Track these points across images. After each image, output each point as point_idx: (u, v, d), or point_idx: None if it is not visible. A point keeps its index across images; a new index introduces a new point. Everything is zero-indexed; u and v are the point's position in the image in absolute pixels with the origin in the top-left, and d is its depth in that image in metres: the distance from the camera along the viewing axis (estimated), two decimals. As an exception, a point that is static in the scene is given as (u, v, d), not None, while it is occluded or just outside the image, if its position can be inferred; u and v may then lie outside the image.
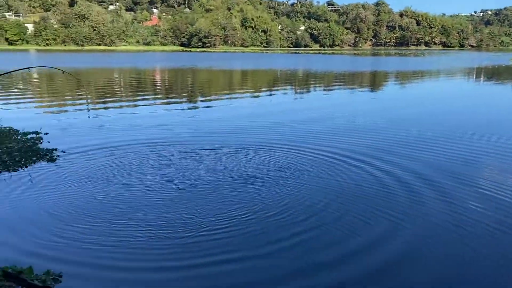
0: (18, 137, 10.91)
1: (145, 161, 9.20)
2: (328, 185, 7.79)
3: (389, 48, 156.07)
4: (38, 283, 3.99)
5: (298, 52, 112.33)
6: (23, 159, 8.95)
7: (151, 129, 12.80)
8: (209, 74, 39.98)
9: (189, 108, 18.38)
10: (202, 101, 21.09)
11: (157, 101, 20.62)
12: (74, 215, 6.31)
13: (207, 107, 19.15)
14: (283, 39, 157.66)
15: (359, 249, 5.49)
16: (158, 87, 27.70)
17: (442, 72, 42.51)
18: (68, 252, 5.19)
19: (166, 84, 30.57)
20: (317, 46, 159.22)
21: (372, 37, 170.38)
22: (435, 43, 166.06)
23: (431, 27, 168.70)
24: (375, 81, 33.90)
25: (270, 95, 23.44)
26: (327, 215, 6.49)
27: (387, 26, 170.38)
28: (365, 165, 8.87)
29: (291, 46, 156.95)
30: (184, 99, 21.32)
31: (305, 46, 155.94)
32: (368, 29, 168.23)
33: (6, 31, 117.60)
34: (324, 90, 26.41)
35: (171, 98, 21.86)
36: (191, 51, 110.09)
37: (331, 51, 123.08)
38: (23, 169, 8.44)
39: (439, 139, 11.45)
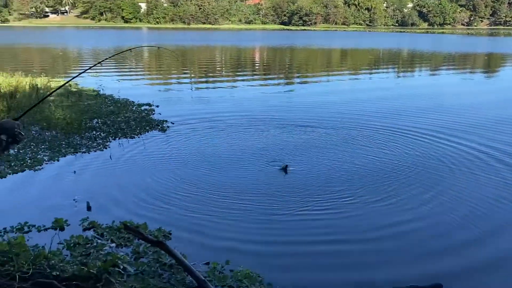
0: (133, 108, 12.06)
1: (245, 135, 9.69)
2: (438, 171, 7.42)
3: (509, 27, 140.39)
4: (152, 238, 4.51)
5: (404, 31, 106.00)
6: (138, 128, 9.92)
7: (250, 104, 13.30)
8: (308, 52, 39.72)
9: (286, 87, 18.62)
10: (299, 80, 21.18)
11: (255, 77, 21.20)
12: (177, 183, 6.83)
13: (304, 85, 19.21)
14: (388, 17, 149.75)
15: (472, 241, 5.18)
16: (256, 65, 28.32)
17: None
18: (172, 217, 5.63)
19: (265, 62, 31.11)
20: (425, 25, 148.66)
21: (490, 15, 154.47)
22: None
23: None
24: (491, 64, 30.99)
25: (370, 76, 22.72)
26: (437, 205, 6.09)
27: (509, 3, 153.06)
28: (487, 156, 8.23)
29: (396, 24, 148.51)
30: (281, 78, 21.60)
31: (412, 24, 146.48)
32: (486, 7, 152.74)
33: (122, 9, 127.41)
34: (431, 72, 24.86)
35: (269, 76, 22.27)
36: (291, 29, 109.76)
37: (441, 30, 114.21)
38: (138, 137, 9.37)
39: None
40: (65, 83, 4.97)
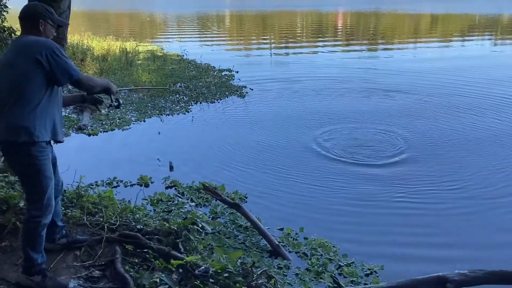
0: (214, 73, 12.29)
1: (327, 100, 9.60)
2: None
3: None
4: (229, 199, 4.62)
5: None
6: (218, 93, 10.11)
7: (332, 70, 12.94)
8: (393, 18, 37.45)
9: (368, 54, 17.81)
10: (383, 47, 20.10)
11: (338, 43, 20.51)
12: (256, 147, 6.90)
13: (388, 53, 18.20)
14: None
15: None
16: (338, 31, 27.33)
17: None
18: (248, 181, 5.68)
19: (347, 28, 29.90)
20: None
21: None
22: None
23: None
24: None
25: (463, 44, 20.93)
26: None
27: None
28: None
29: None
30: (364, 44, 20.66)
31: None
32: None
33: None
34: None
35: (351, 42, 21.40)
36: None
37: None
38: (218, 102, 9.56)
39: None
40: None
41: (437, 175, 5.83)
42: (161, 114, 8.53)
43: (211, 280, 2.92)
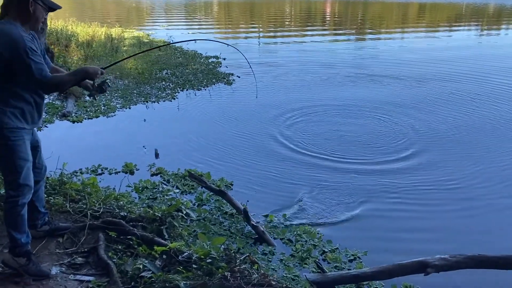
0: (201, 60, 12.18)
1: (315, 89, 9.58)
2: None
3: None
4: (214, 187, 4.61)
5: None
6: (205, 80, 10.03)
7: (319, 58, 12.92)
8: (382, 6, 37.46)
9: (357, 42, 17.81)
10: (371, 36, 20.12)
11: (326, 32, 20.45)
12: (243, 135, 6.86)
13: (375, 42, 18.24)
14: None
15: None
16: (327, 19, 27.25)
17: None
18: (234, 168, 5.65)
19: (336, 16, 29.82)
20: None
21: None
22: None
23: None
24: None
25: (450, 34, 21.05)
26: None
27: None
28: None
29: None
30: (352, 33, 20.65)
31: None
32: None
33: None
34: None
35: (339, 31, 21.37)
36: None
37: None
38: (205, 89, 9.49)
39: None
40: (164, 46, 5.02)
41: (428, 163, 5.90)
42: (147, 101, 8.44)
43: (194, 266, 2.92)
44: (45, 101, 3.11)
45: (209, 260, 2.90)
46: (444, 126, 7.31)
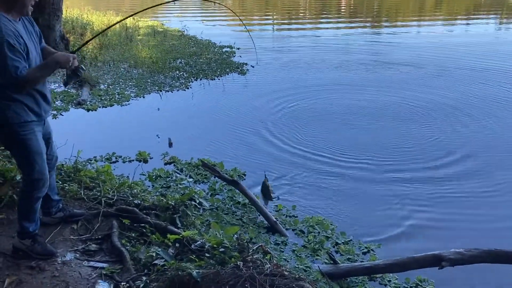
0: (215, 50, 12.14)
1: (327, 78, 9.47)
2: None
3: None
4: (227, 176, 4.60)
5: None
6: (219, 70, 10.00)
7: (333, 49, 12.78)
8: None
9: (372, 33, 17.56)
10: (387, 25, 19.80)
11: (340, 24, 20.19)
12: (257, 125, 6.83)
13: (392, 32, 17.96)
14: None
15: None
16: (342, 9, 26.91)
17: None
18: (247, 158, 5.65)
19: (351, 6, 29.41)
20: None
21: None
22: None
23: None
24: None
25: (467, 23, 20.61)
26: None
27: None
28: None
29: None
30: (367, 23, 20.35)
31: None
32: None
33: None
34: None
35: (355, 21, 21.08)
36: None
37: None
38: (218, 79, 9.46)
39: None
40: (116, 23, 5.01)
41: (433, 150, 5.80)
42: (161, 90, 8.45)
43: (206, 254, 2.92)
44: (49, 89, 3.03)
45: (222, 249, 2.90)
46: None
